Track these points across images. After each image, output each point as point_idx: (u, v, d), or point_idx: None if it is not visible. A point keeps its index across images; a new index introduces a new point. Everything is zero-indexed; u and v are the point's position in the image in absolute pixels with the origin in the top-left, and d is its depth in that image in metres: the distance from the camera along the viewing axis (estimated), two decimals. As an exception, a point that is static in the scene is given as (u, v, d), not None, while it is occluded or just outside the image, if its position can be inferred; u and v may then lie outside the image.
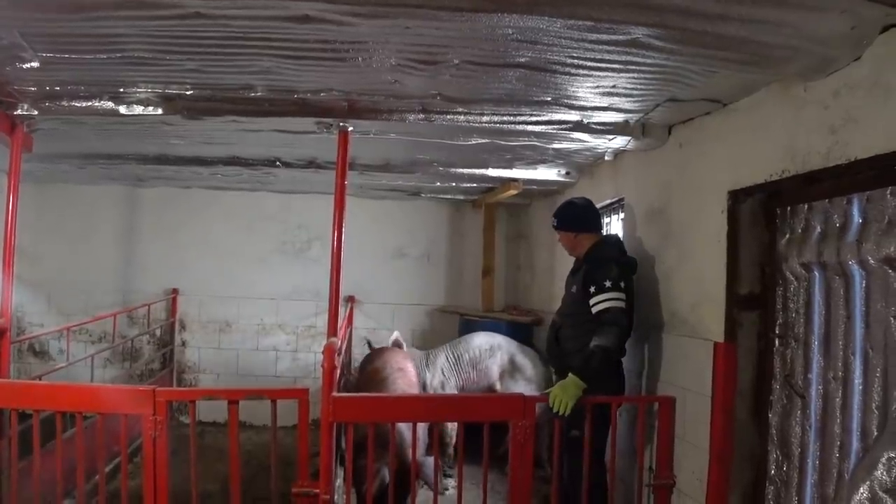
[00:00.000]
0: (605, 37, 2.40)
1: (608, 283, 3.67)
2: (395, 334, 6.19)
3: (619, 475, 3.81)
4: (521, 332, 6.81)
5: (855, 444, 2.58)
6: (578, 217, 4.08)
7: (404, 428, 4.01)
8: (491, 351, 5.96)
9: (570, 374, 3.49)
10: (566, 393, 3.43)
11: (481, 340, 6.08)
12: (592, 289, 3.71)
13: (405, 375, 5.08)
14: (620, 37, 2.38)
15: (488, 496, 3.51)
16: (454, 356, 6.01)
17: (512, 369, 5.89)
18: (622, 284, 3.72)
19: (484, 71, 2.93)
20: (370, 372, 5.15)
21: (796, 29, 2.26)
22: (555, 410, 3.45)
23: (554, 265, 6.21)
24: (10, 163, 3.84)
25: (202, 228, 7.64)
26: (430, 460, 3.85)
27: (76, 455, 3.31)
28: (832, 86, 2.54)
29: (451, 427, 5.36)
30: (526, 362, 5.93)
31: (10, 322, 3.82)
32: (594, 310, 3.69)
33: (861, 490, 2.47)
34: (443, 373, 5.92)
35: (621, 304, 3.67)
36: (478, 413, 3.56)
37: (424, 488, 4.01)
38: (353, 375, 6.13)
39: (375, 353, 5.67)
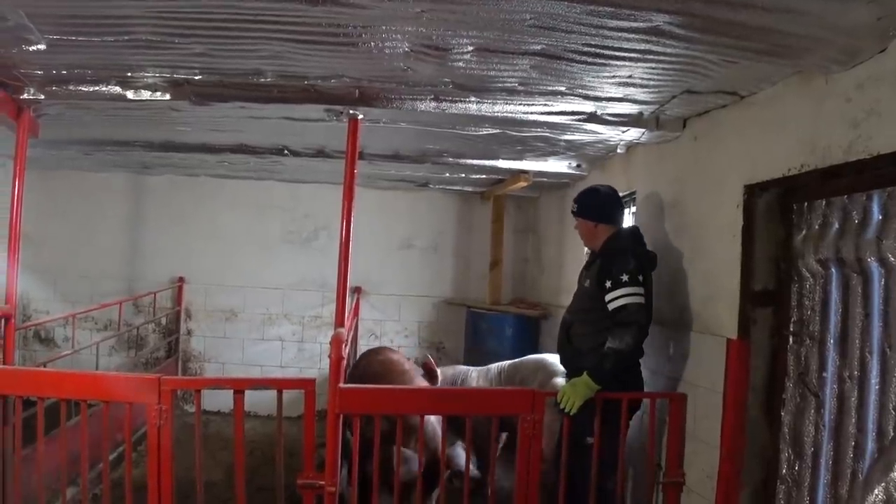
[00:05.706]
0: (625, 24, 2.34)
1: (625, 277, 3.39)
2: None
3: (628, 472, 3.76)
4: (527, 326, 6.77)
5: (870, 444, 2.53)
6: (601, 206, 3.77)
7: (433, 420, 3.96)
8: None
9: (583, 374, 3.37)
10: (575, 391, 3.34)
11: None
12: (608, 283, 3.44)
13: (418, 371, 5.09)
14: (641, 24, 2.33)
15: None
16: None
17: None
18: (640, 278, 3.44)
19: (498, 58, 2.87)
20: (386, 363, 5.13)
21: (820, 18, 2.21)
22: (562, 407, 3.38)
23: (563, 259, 6.16)
24: (17, 148, 3.80)
25: (208, 217, 7.63)
26: (460, 450, 3.78)
27: (80, 443, 3.29)
28: (856, 78, 2.47)
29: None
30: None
31: (15, 309, 3.79)
32: (610, 307, 3.43)
33: (876, 491, 2.43)
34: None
35: (640, 300, 3.39)
36: (487, 406, 3.52)
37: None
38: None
39: (381, 349, 5.63)
